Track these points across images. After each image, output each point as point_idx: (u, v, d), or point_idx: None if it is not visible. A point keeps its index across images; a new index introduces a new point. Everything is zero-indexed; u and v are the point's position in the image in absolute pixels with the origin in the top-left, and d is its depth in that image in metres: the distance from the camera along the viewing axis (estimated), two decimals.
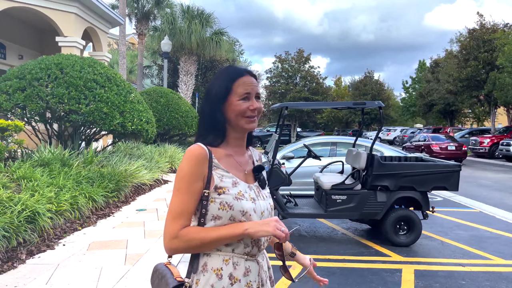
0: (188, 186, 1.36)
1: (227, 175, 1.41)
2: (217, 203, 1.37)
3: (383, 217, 5.42)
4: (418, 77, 45.83)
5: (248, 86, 1.43)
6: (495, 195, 9.70)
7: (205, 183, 1.38)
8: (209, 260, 1.38)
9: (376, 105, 5.49)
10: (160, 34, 20.43)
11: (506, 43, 21.67)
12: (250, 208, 1.39)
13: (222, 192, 1.38)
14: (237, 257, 1.39)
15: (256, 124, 1.46)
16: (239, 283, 1.38)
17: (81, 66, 8.08)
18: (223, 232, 1.34)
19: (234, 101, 1.42)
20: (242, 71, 1.47)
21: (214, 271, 1.37)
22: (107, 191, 6.62)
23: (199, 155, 1.38)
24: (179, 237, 1.33)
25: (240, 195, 1.39)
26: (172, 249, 1.36)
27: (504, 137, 20.62)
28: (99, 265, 4.04)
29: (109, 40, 31.77)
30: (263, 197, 1.49)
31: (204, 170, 1.38)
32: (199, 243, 1.34)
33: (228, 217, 1.37)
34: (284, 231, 1.29)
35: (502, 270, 4.59)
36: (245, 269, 1.40)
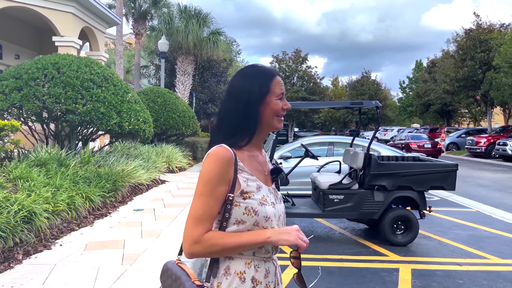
0: (212, 190, 1.32)
1: (252, 179, 1.39)
2: (242, 208, 1.34)
3: (380, 217, 5.43)
4: (415, 77, 45.98)
5: (282, 86, 1.46)
6: (493, 195, 9.73)
7: (230, 187, 1.34)
8: (232, 264, 1.36)
9: (373, 104, 5.49)
10: (157, 34, 20.38)
11: (502, 43, 21.74)
12: (272, 214, 1.39)
13: (247, 197, 1.35)
14: (258, 260, 1.39)
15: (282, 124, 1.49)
16: (260, 285, 1.38)
17: (78, 66, 8.05)
18: (245, 239, 1.32)
19: (272, 101, 1.41)
20: (274, 71, 1.49)
21: (237, 274, 1.35)
22: (104, 191, 6.60)
23: (224, 157, 1.34)
24: (202, 242, 1.30)
25: (263, 200, 1.38)
26: (194, 254, 1.32)
27: (500, 137, 20.70)
28: (96, 265, 4.02)
29: (106, 40, 31.68)
30: (280, 200, 1.50)
31: (230, 174, 1.34)
32: (221, 249, 1.31)
33: (252, 222, 1.35)
34: (306, 241, 1.30)
35: (500, 269, 4.60)
36: (265, 271, 1.41)
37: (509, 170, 15.83)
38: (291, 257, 1.42)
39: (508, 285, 4.13)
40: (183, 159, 12.95)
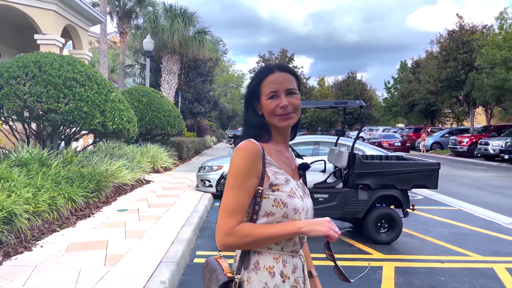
0: (243, 183, 1.34)
1: (280, 172, 1.42)
2: (271, 200, 1.37)
3: (364, 215, 5.46)
4: (400, 78, 46.52)
5: (275, 84, 1.41)
6: (475, 193, 9.89)
7: (259, 180, 1.37)
8: (261, 258, 1.38)
9: (357, 104, 5.53)
10: (142, 32, 20.19)
11: (484, 44, 22.14)
12: (300, 206, 1.41)
13: (276, 189, 1.38)
14: (286, 255, 1.41)
15: (293, 121, 1.43)
16: (288, 280, 1.40)
17: (60, 64, 7.93)
18: (278, 230, 1.33)
19: (263, 101, 1.42)
20: (271, 68, 1.46)
21: (266, 269, 1.37)
22: (87, 191, 6.51)
23: (253, 150, 1.37)
24: (235, 233, 1.32)
25: (292, 193, 1.40)
26: (227, 246, 1.34)
27: (482, 137, 21.07)
28: (78, 267, 3.96)
29: (90, 38, 31.31)
30: (307, 195, 1.51)
31: (259, 167, 1.37)
32: (254, 239, 1.33)
33: (281, 214, 1.37)
34: (337, 232, 1.31)
35: (481, 266, 4.67)
36: (293, 266, 1.42)
37: (490, 169, 16.12)
38: (325, 250, 1.45)
39: (489, 281, 4.20)
40: (168, 159, 12.86)
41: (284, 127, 1.43)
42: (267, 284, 1.36)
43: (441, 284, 4.13)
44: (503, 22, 22.35)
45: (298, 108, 1.43)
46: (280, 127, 1.43)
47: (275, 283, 1.36)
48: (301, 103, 1.49)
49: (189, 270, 4.42)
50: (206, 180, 8.77)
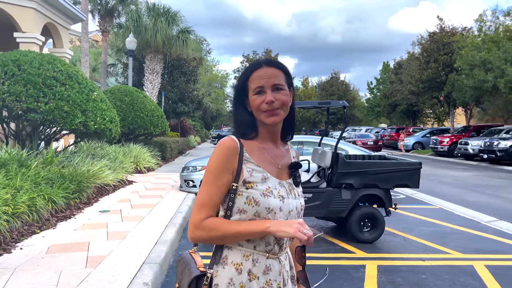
0: (215, 178, 1.36)
1: (258, 170, 1.40)
2: (244, 197, 1.36)
3: (348, 215, 5.51)
4: (382, 78, 47.08)
5: (261, 79, 1.39)
6: (455, 192, 10.08)
7: (234, 176, 1.37)
8: (230, 254, 1.38)
9: (340, 104, 5.57)
10: (125, 31, 19.95)
11: (464, 46, 22.58)
12: (276, 206, 1.37)
13: (250, 187, 1.36)
14: (258, 254, 1.38)
15: (280, 117, 1.40)
16: (257, 280, 1.37)
17: (40, 63, 7.77)
18: (244, 227, 1.33)
19: (250, 97, 1.40)
20: (259, 63, 1.44)
21: (234, 265, 1.37)
22: (68, 192, 6.40)
23: (229, 147, 1.37)
24: (202, 227, 1.34)
25: (268, 192, 1.37)
26: (195, 238, 1.37)
27: (462, 137, 21.48)
28: (58, 269, 3.89)
29: (71, 36, 30.80)
30: (294, 196, 1.46)
31: (234, 163, 1.37)
32: (221, 235, 1.34)
33: (253, 212, 1.35)
34: (307, 234, 1.25)
35: (461, 263, 4.76)
36: (266, 267, 1.39)
37: (470, 168, 16.46)
38: (295, 252, 1.41)
39: (469, 278, 4.28)
40: (152, 159, 12.75)
41: (271, 123, 1.39)
42: (232, 280, 1.35)
43: (422, 281, 4.19)
44: (482, 25, 22.83)
45: (285, 104, 1.40)
46: (266, 124, 1.40)
47: (240, 280, 1.35)
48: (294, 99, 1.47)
49: (172, 271, 4.38)
50: (189, 180, 8.71)
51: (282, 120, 1.42)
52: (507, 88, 19.48)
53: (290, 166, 1.50)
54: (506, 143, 16.59)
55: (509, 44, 19.57)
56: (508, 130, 19.08)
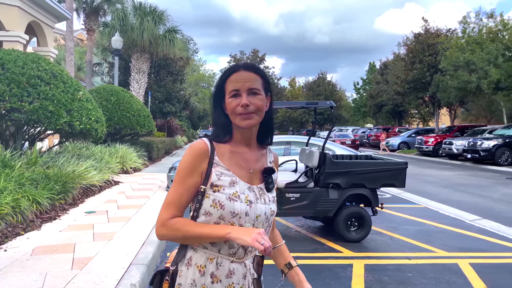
0: (183, 179, 1.38)
1: (227, 173, 1.40)
2: (211, 200, 1.37)
3: (335, 214, 5.54)
4: (368, 79, 47.51)
5: (237, 82, 1.39)
6: (440, 191, 10.22)
7: (203, 179, 1.39)
8: (194, 255, 1.40)
9: (328, 105, 5.61)
10: (111, 30, 19.75)
11: (448, 47, 22.90)
12: (242, 211, 1.38)
13: (217, 190, 1.37)
14: (222, 258, 1.39)
15: (254, 121, 1.40)
16: (220, 283, 1.38)
17: (24, 62, 7.65)
18: (206, 230, 1.34)
19: (226, 99, 1.40)
20: (236, 66, 1.44)
21: (197, 267, 1.38)
22: (53, 193, 6.31)
23: (198, 150, 1.40)
24: (167, 225, 1.37)
25: (235, 196, 1.38)
26: (160, 236, 1.39)
27: (446, 137, 21.80)
28: (44, 271, 3.83)
29: (56, 35, 30.36)
30: (264, 201, 1.45)
31: (203, 166, 1.39)
32: (183, 235, 1.36)
33: (218, 216, 1.36)
34: (264, 245, 1.25)
35: (446, 262, 4.83)
36: (229, 271, 1.39)
37: (454, 167, 16.71)
38: (253, 261, 1.44)
39: (453, 276, 4.35)
40: (138, 159, 12.64)
41: (244, 127, 1.40)
42: (194, 281, 1.37)
43: (408, 280, 4.24)
44: (465, 26, 23.17)
45: (260, 109, 1.39)
46: (241, 127, 1.40)
47: (202, 282, 1.37)
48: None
49: None
50: None
51: (257, 124, 1.43)
52: (490, 89, 19.83)
53: (263, 171, 1.49)
54: (489, 143, 16.89)
55: (492, 45, 19.92)
56: (491, 130, 19.43)
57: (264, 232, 1.30)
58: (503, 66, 19.33)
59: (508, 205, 8.43)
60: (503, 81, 19.29)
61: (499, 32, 21.24)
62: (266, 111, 1.45)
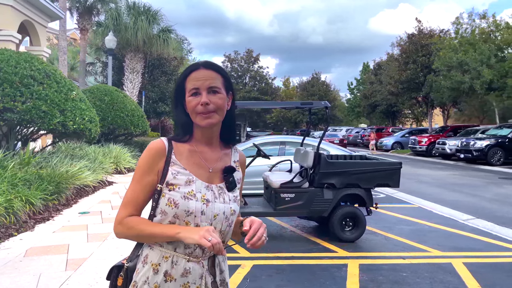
0: (140, 178, 1.40)
1: (183, 172, 1.40)
2: (166, 199, 1.38)
3: (330, 214, 5.55)
4: (362, 79, 47.66)
5: (197, 80, 1.38)
6: (434, 191, 10.28)
7: (160, 178, 1.39)
8: (150, 253, 1.40)
9: (322, 105, 5.61)
10: (104, 30, 19.65)
11: (441, 48, 23.03)
12: (197, 209, 1.37)
13: (172, 189, 1.38)
14: (178, 257, 1.38)
15: (215, 120, 1.39)
16: (174, 282, 1.38)
17: (17, 61, 7.58)
18: (158, 230, 1.36)
19: (187, 98, 1.40)
20: (196, 65, 1.43)
21: (152, 265, 1.38)
22: (46, 193, 6.26)
23: (154, 149, 1.40)
24: (122, 223, 1.39)
25: (190, 195, 1.37)
26: (116, 233, 1.42)
27: (440, 137, 21.93)
28: (37, 272, 3.80)
29: (49, 34, 30.14)
30: (223, 200, 1.44)
31: (160, 165, 1.39)
32: (136, 234, 1.38)
33: (172, 214, 1.37)
34: (212, 241, 1.25)
35: (440, 261, 4.86)
36: (184, 270, 1.38)
37: (447, 167, 16.81)
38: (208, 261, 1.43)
39: (448, 276, 4.37)
40: (132, 159, 12.58)
41: (205, 126, 1.39)
42: (148, 279, 1.38)
43: (403, 279, 4.26)
44: (458, 27, 23.33)
45: (220, 108, 1.39)
46: (201, 126, 1.40)
47: (156, 280, 1.37)
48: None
49: None
50: None
51: (217, 123, 1.42)
52: (483, 89, 19.98)
53: (223, 170, 1.48)
54: (481, 143, 17.01)
55: (485, 46, 20.07)
56: (483, 130, 19.57)
57: (214, 230, 1.31)
58: (496, 66, 19.49)
59: (501, 204, 8.50)
60: (495, 81, 19.44)
61: (491, 32, 21.42)
62: (228, 110, 1.44)
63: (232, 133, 1.52)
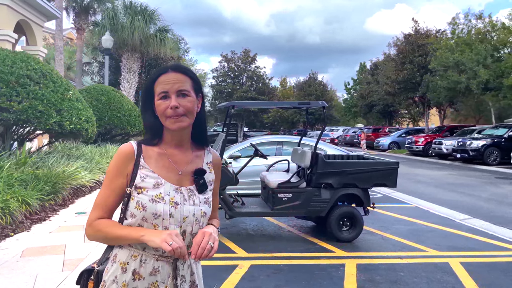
0: (109, 181, 1.41)
1: (152, 176, 1.40)
2: (135, 202, 1.38)
3: (327, 214, 5.55)
4: (359, 79, 47.70)
5: (166, 84, 1.37)
6: (430, 191, 10.31)
7: (129, 181, 1.40)
8: (119, 252, 1.41)
9: (320, 105, 5.62)
10: (101, 29, 19.61)
11: (438, 48, 23.10)
12: (165, 212, 1.37)
13: (140, 192, 1.39)
14: (147, 256, 1.39)
15: (185, 123, 1.39)
16: (142, 281, 1.38)
17: (13, 61, 7.55)
18: (124, 233, 1.36)
19: (156, 102, 1.39)
20: (165, 68, 1.42)
21: (120, 264, 1.39)
22: (43, 194, 6.23)
23: (123, 153, 1.42)
24: (92, 226, 1.41)
25: (158, 198, 1.38)
26: (87, 236, 1.43)
27: (436, 137, 21.98)
28: (34, 273, 3.78)
29: (45, 34, 30.01)
30: (194, 202, 1.44)
31: (129, 168, 1.41)
32: (104, 236, 1.40)
33: (141, 217, 1.37)
34: (172, 246, 1.25)
35: (437, 261, 4.87)
36: (153, 269, 1.39)
37: (444, 167, 16.86)
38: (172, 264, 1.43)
39: (445, 275, 4.38)
40: None
41: (175, 129, 1.39)
42: (116, 277, 1.38)
43: (400, 279, 4.26)
44: (455, 27, 23.39)
45: (190, 111, 1.38)
46: (171, 129, 1.40)
47: (124, 279, 1.38)
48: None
49: None
50: None
51: (188, 126, 1.42)
52: (479, 89, 20.04)
53: (194, 172, 1.47)
54: (478, 143, 17.07)
55: (481, 46, 20.14)
56: (480, 130, 19.63)
57: (178, 234, 1.30)
58: (492, 66, 19.56)
59: (497, 204, 8.53)
60: (491, 81, 19.51)
61: (487, 33, 21.49)
62: (198, 112, 1.45)
63: (203, 134, 1.52)
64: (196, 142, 1.52)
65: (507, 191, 10.27)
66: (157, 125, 1.42)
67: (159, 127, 1.43)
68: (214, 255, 1.39)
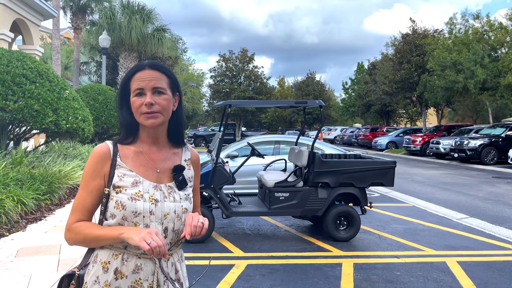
0: (86, 183, 1.39)
1: (130, 174, 1.39)
2: (114, 202, 1.37)
3: (324, 213, 5.55)
4: (357, 79, 47.74)
5: (142, 81, 1.37)
6: (427, 190, 10.31)
7: (107, 182, 1.39)
8: (100, 253, 1.39)
9: (317, 104, 5.61)
10: (98, 29, 19.55)
11: (435, 48, 23.13)
12: (145, 210, 1.36)
13: (119, 191, 1.37)
14: (129, 254, 1.38)
15: (159, 120, 1.38)
16: (125, 279, 1.37)
17: (9, 60, 7.51)
18: (103, 232, 1.34)
19: (131, 99, 1.39)
20: (141, 65, 1.42)
21: (101, 263, 1.38)
22: (39, 193, 6.20)
23: (99, 153, 1.40)
24: (71, 229, 1.38)
25: (137, 196, 1.37)
26: (67, 240, 1.41)
27: (434, 136, 22.01)
28: (28, 273, 3.76)
29: (42, 33, 29.94)
30: (174, 199, 1.43)
31: (105, 168, 1.39)
32: (83, 238, 1.37)
33: (121, 216, 1.36)
34: (151, 244, 1.22)
35: (434, 260, 4.86)
36: (136, 266, 1.38)
37: (441, 167, 16.88)
38: None
39: (441, 274, 4.37)
40: None
41: (149, 126, 1.38)
42: (98, 277, 1.37)
43: (397, 278, 4.25)
44: (452, 27, 23.43)
45: (165, 109, 1.38)
46: (146, 126, 1.40)
47: (106, 278, 1.36)
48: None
49: None
50: None
51: (163, 123, 1.42)
52: (477, 89, 20.08)
53: (172, 169, 1.47)
54: (475, 143, 17.09)
55: (478, 46, 20.17)
56: (477, 130, 19.66)
57: (158, 232, 1.27)
58: (489, 66, 19.60)
59: (494, 203, 8.54)
60: (489, 81, 19.55)
61: (485, 33, 21.53)
62: (174, 111, 1.45)
63: (179, 133, 1.51)
64: (172, 141, 1.51)
65: (504, 190, 10.28)
66: (133, 123, 1.42)
67: (135, 125, 1.42)
68: (212, 254, 1.37)
